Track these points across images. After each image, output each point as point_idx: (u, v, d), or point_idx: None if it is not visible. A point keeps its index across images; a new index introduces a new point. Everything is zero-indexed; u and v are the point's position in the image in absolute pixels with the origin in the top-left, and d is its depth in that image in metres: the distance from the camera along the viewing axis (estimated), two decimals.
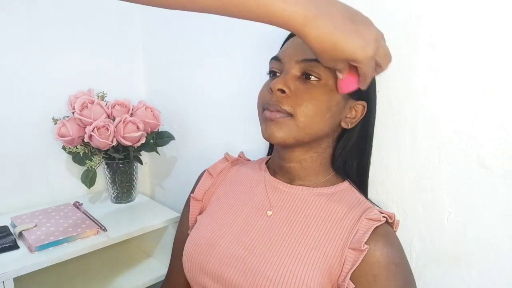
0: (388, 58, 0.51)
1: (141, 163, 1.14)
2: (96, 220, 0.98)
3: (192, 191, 0.77)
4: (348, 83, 0.53)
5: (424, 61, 0.62)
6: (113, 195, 1.15)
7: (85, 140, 1.00)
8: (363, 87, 0.53)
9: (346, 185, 0.65)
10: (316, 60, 0.57)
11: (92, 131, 0.98)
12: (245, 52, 0.93)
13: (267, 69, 0.65)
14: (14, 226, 0.94)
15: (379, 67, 0.50)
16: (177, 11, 0.43)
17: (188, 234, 0.71)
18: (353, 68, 0.51)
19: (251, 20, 0.43)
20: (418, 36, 0.62)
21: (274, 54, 0.64)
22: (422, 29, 0.62)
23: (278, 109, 0.58)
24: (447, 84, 0.60)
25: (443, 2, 0.59)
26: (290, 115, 0.58)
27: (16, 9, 1.01)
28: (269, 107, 0.59)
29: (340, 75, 0.53)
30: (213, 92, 1.05)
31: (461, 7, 0.57)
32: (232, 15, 0.42)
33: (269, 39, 0.83)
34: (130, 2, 0.42)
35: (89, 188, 1.06)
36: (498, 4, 0.54)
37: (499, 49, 0.55)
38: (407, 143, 0.66)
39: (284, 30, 0.66)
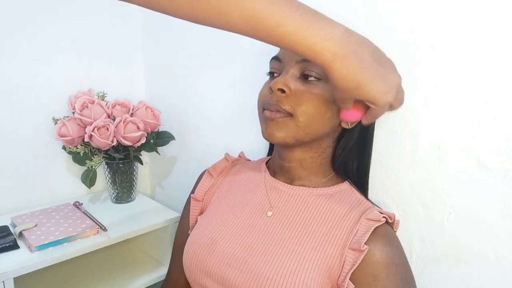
0: (401, 102, 0.50)
1: (141, 163, 1.14)
2: (96, 220, 0.98)
3: (192, 192, 0.77)
4: (352, 114, 0.52)
5: (425, 72, 0.62)
6: (113, 195, 1.15)
7: (85, 140, 1.00)
8: (366, 123, 0.52)
9: (346, 185, 0.65)
10: None
11: (92, 131, 0.98)
12: (245, 51, 0.93)
13: (267, 69, 0.65)
14: (14, 226, 0.94)
15: (390, 107, 0.49)
16: None
17: (189, 234, 0.71)
18: (361, 102, 0.50)
19: (278, 46, 0.43)
20: (419, 47, 0.62)
21: (274, 54, 0.64)
22: (424, 40, 0.62)
23: (278, 109, 0.58)
24: (449, 95, 0.60)
25: (445, 14, 0.59)
26: (290, 114, 0.58)
27: (16, 9, 1.01)
28: (269, 106, 0.59)
29: (345, 109, 0.51)
30: (213, 92, 1.05)
31: (462, 19, 0.58)
32: (259, 39, 0.42)
33: None
34: (160, 12, 0.41)
35: (89, 188, 1.06)
36: (499, 16, 0.54)
37: (501, 60, 0.55)
38: (407, 143, 0.66)
39: None
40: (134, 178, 1.16)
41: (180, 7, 0.39)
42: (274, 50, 0.67)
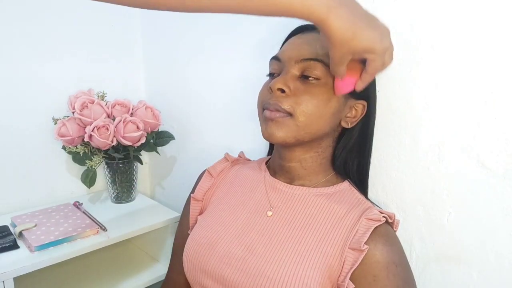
0: (392, 55, 0.52)
1: (141, 163, 1.14)
2: (96, 220, 0.98)
3: (192, 191, 0.77)
4: (347, 83, 0.55)
5: (425, 72, 0.62)
6: (113, 195, 1.15)
7: (85, 140, 1.00)
8: (361, 86, 0.54)
9: (346, 185, 0.65)
10: (316, 60, 0.57)
11: (92, 131, 0.98)
12: (245, 52, 0.93)
13: (267, 69, 0.65)
14: (14, 226, 0.94)
15: (383, 65, 0.51)
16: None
17: (188, 234, 0.71)
18: (352, 69, 0.53)
19: (271, 15, 0.43)
20: (419, 47, 0.62)
21: (274, 54, 0.64)
22: (424, 41, 0.62)
23: (278, 108, 0.58)
24: (449, 95, 0.60)
25: (445, 14, 0.59)
26: (290, 114, 0.58)
27: (16, 10, 1.01)
28: (269, 106, 0.59)
29: (340, 76, 0.53)
30: (213, 92, 1.05)
31: (462, 19, 0.58)
32: (250, 12, 0.42)
33: (269, 40, 0.83)
34: (145, 8, 0.42)
35: (89, 188, 1.06)
36: (499, 16, 0.54)
37: (501, 61, 0.55)
38: (407, 143, 0.66)
39: (284, 31, 0.67)
40: (134, 178, 1.16)
41: None
42: (274, 50, 0.68)
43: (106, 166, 1.11)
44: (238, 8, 0.41)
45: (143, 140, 1.06)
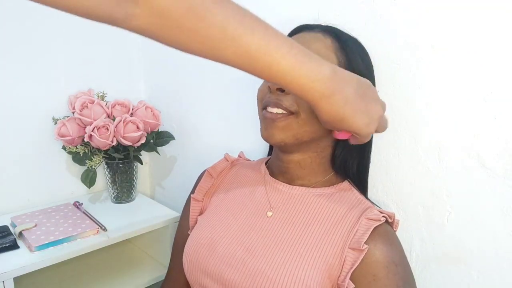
0: (385, 127, 0.53)
1: (141, 163, 1.14)
2: (96, 220, 0.98)
3: (192, 192, 0.77)
4: (343, 134, 0.55)
5: (425, 72, 0.62)
6: (113, 195, 1.15)
7: (85, 140, 1.00)
8: (353, 143, 0.55)
9: (345, 185, 0.65)
10: None
11: (92, 131, 0.98)
12: None
13: None
14: (14, 226, 0.94)
15: (375, 132, 0.52)
16: None
17: (188, 234, 0.71)
18: None
19: (269, 81, 0.46)
20: (419, 47, 0.62)
21: None
22: (424, 40, 0.62)
23: (279, 105, 0.58)
24: (449, 95, 0.60)
25: (445, 14, 0.59)
26: (291, 112, 0.58)
27: (17, 8, 1.01)
28: (269, 104, 0.59)
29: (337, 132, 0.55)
30: (213, 92, 1.05)
31: (462, 18, 0.58)
32: (252, 73, 0.44)
33: None
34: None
35: (89, 188, 1.06)
36: (499, 15, 0.54)
37: (501, 60, 0.55)
38: (407, 143, 0.66)
39: (284, 30, 0.66)
40: (134, 178, 1.16)
41: (176, 38, 0.43)
42: None
43: (106, 166, 1.11)
44: (240, 65, 0.43)
45: (143, 140, 1.06)
